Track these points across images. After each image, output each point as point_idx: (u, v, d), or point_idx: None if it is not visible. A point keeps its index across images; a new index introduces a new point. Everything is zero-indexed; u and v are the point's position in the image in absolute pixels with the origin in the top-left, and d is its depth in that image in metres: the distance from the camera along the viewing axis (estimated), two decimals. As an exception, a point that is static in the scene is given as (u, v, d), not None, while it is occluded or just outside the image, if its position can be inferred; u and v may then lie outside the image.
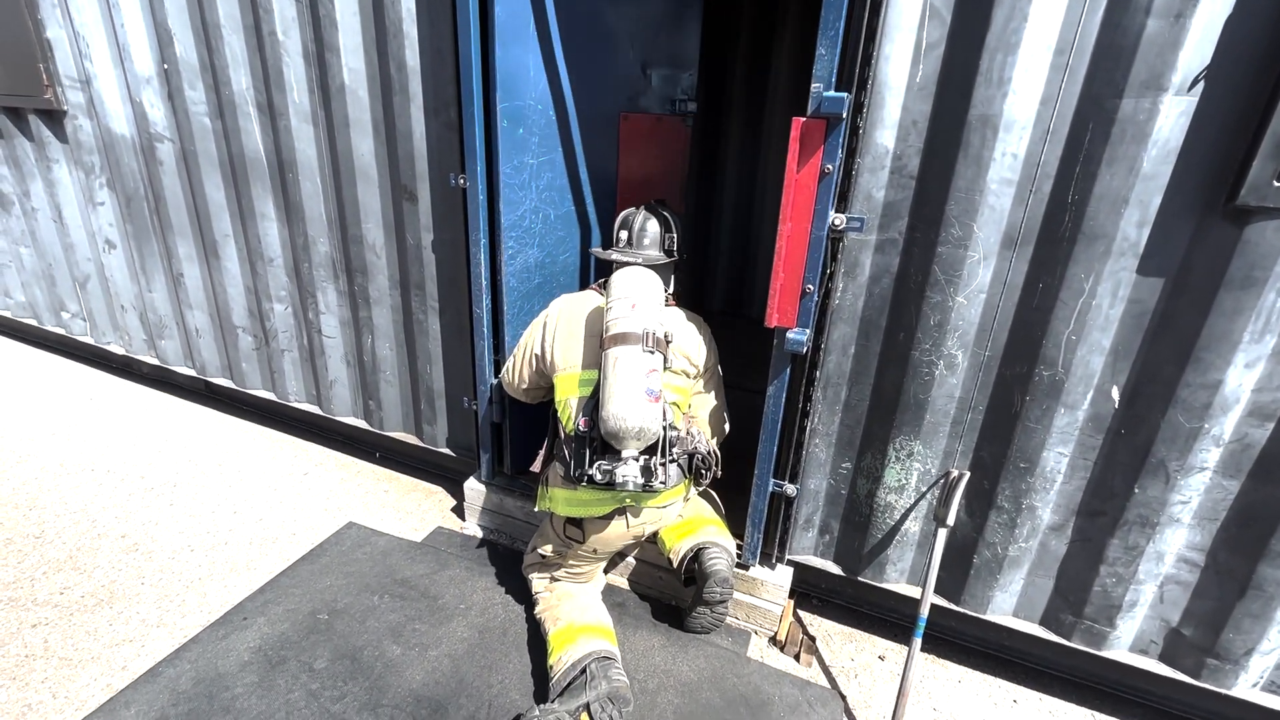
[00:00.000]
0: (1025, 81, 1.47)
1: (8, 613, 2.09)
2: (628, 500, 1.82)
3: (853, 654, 2.14)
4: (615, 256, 2.05)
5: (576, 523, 1.93)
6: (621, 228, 2.10)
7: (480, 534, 2.58)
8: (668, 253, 2.07)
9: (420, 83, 2.15)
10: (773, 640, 2.16)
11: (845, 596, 2.24)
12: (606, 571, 2.31)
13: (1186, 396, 1.55)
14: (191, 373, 3.34)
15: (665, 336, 1.81)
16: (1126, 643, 1.83)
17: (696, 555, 1.97)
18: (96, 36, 2.77)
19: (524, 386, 2.11)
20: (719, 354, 2.10)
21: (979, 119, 1.52)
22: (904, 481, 1.91)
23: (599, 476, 1.69)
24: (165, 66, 2.63)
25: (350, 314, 2.70)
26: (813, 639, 2.16)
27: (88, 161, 3.10)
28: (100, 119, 2.94)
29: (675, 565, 2.03)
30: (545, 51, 2.19)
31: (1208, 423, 1.55)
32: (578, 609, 1.96)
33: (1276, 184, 1.34)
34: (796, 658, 2.09)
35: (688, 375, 1.96)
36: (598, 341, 1.83)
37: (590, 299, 2.02)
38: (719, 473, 1.91)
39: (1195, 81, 1.36)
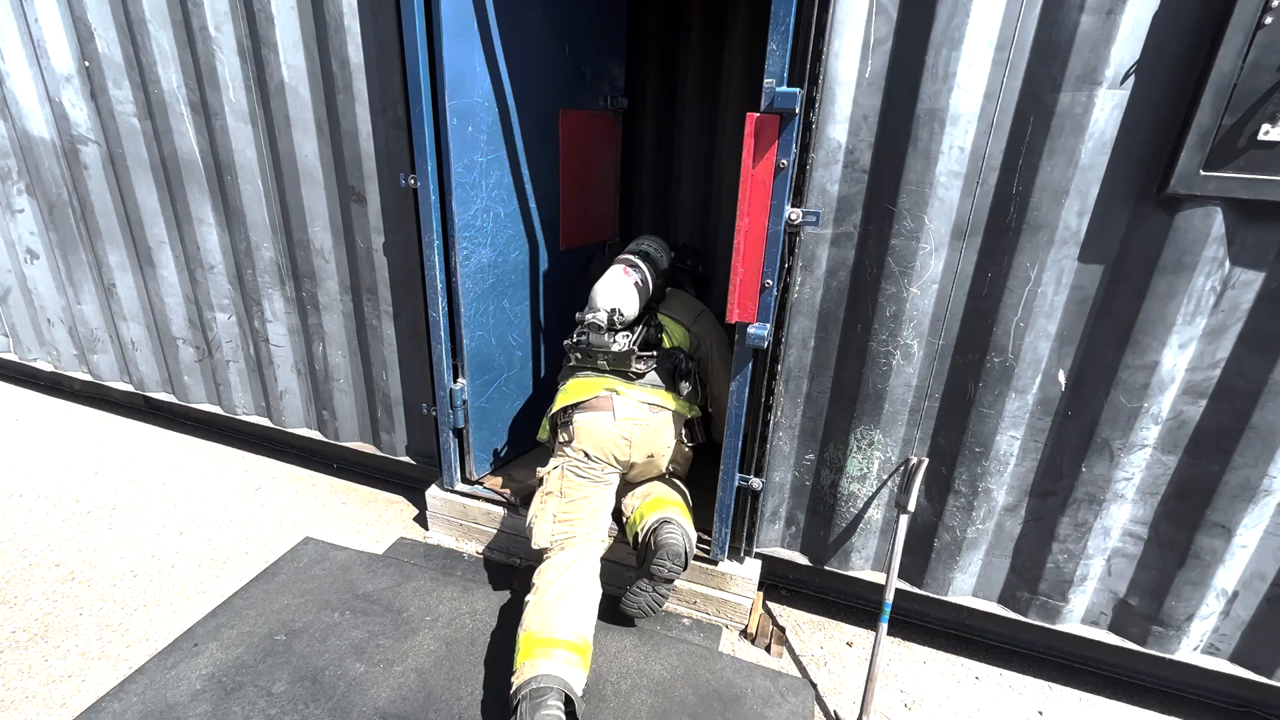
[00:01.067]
0: (969, 76, 1.51)
1: (-71, 654, 1.94)
2: (612, 385, 2.01)
3: (821, 642, 2.17)
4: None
5: (567, 420, 2.04)
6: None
7: (444, 543, 2.52)
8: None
9: (365, 80, 2.08)
10: (743, 633, 2.17)
11: (812, 586, 2.27)
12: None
13: (1127, 378, 1.62)
14: (129, 388, 3.17)
15: (644, 254, 2.23)
16: (1078, 615, 1.91)
17: (654, 530, 1.95)
18: (8, 32, 2.58)
19: None
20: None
21: (927, 113, 1.55)
22: (866, 470, 1.95)
23: (576, 337, 2.07)
24: (87, 64, 2.47)
25: (299, 321, 2.60)
26: (782, 630, 2.19)
27: (2, 166, 2.89)
28: (15, 120, 2.75)
29: (641, 542, 2.00)
30: (487, 48, 2.13)
31: (1147, 402, 1.62)
32: (552, 606, 1.78)
33: (1203, 173, 1.41)
34: (767, 649, 2.11)
35: (682, 324, 2.23)
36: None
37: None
38: (706, 436, 2.16)
39: (1126, 76, 1.42)
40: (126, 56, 2.41)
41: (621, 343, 2.00)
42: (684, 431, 2.08)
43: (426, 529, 2.58)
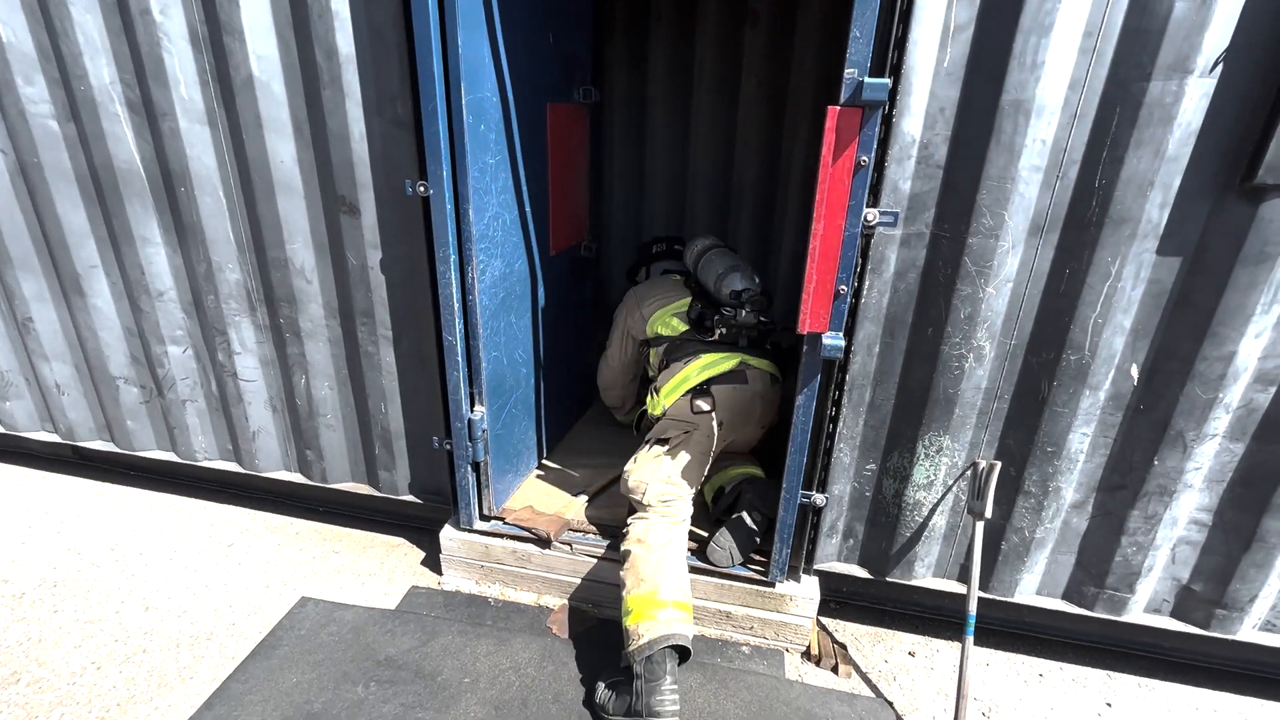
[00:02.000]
0: (1056, 65, 1.43)
1: None
2: (744, 358, 2.19)
3: (884, 655, 2.10)
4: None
5: (705, 394, 2.12)
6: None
7: (464, 588, 2.28)
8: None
9: (357, 73, 1.80)
10: (806, 655, 2.07)
11: (867, 597, 2.20)
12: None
13: (1204, 370, 1.61)
14: (53, 438, 2.70)
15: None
16: (1142, 605, 1.92)
17: (740, 486, 2.18)
18: None
19: (621, 364, 2.65)
20: None
21: (1012, 104, 1.47)
22: (932, 477, 1.88)
23: (721, 323, 2.21)
24: (-15, 55, 2.04)
25: (275, 352, 2.27)
26: (844, 647, 2.10)
27: None
28: (-113, 125, 2.24)
29: (726, 495, 2.20)
30: (492, 36, 1.90)
31: (1221, 392, 1.62)
32: (664, 570, 1.86)
33: (1291, 162, 1.39)
34: (834, 670, 2.01)
35: None
36: (685, 279, 2.58)
37: (666, 278, 2.66)
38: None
39: (1216, 64, 1.39)
40: (40, 46, 2.00)
41: (757, 300, 2.20)
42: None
43: (440, 574, 2.33)
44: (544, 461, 2.65)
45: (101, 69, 1.97)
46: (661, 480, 2.01)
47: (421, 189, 1.80)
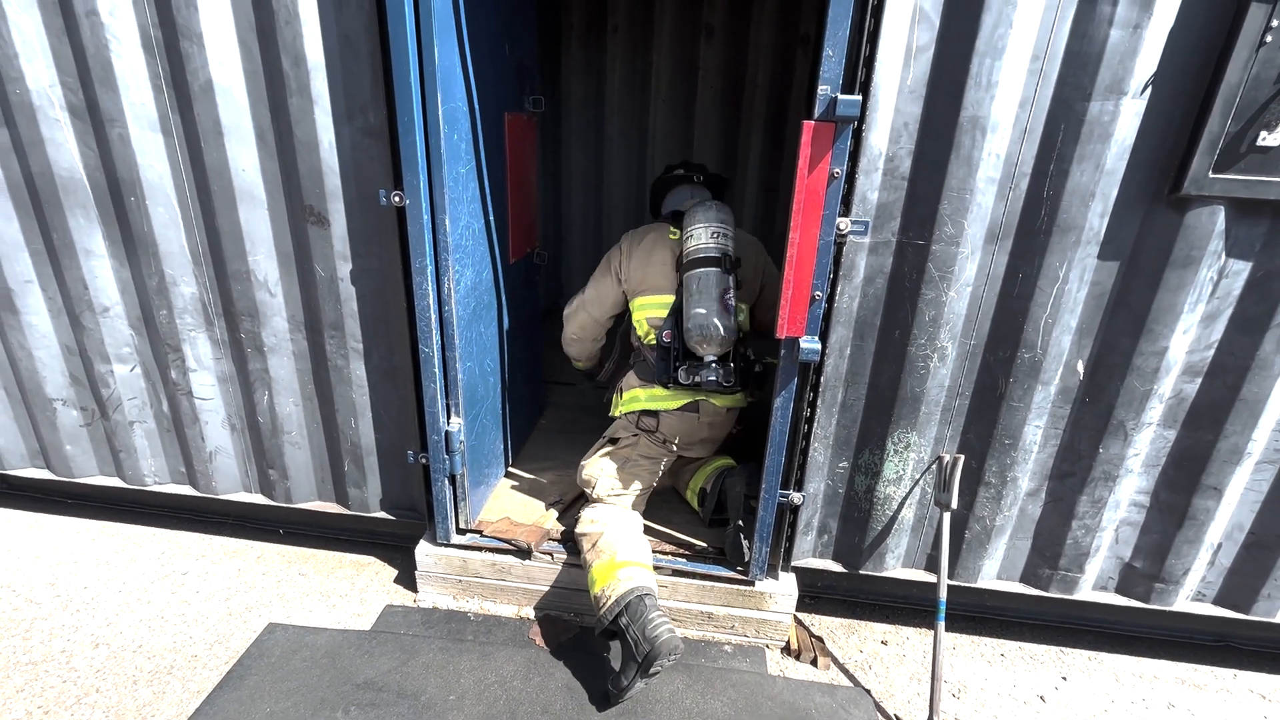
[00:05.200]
0: (1008, 85, 1.55)
1: None
2: (702, 396, 2.14)
3: (859, 645, 2.18)
4: (680, 174, 2.39)
5: (653, 414, 2.19)
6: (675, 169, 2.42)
7: (441, 604, 2.23)
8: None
9: (326, 80, 1.76)
10: (785, 650, 2.13)
11: (840, 590, 2.28)
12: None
13: (1140, 364, 1.76)
14: (-23, 467, 2.49)
15: (737, 259, 2.06)
16: (1090, 584, 2.07)
17: (719, 479, 2.23)
18: None
19: (599, 318, 2.33)
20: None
21: (970, 120, 1.57)
22: (901, 472, 1.97)
23: (683, 379, 2.04)
24: (-98, 55, 1.88)
25: (233, 368, 2.17)
26: (821, 640, 2.17)
27: None
28: None
29: (709, 493, 2.25)
30: (461, 45, 1.89)
31: (1155, 383, 1.77)
32: (619, 539, 2.00)
33: (1211, 175, 1.55)
34: (813, 663, 2.08)
35: (749, 291, 2.21)
36: (672, 268, 2.13)
37: (659, 231, 2.23)
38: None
39: (1146, 86, 1.53)
40: (-33, 46, 1.86)
41: (716, 377, 2.02)
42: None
43: (415, 591, 2.27)
44: (511, 470, 2.64)
45: (40, 72, 1.86)
46: (611, 475, 2.18)
47: (396, 199, 1.78)
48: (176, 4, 1.73)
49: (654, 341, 2.13)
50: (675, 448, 2.25)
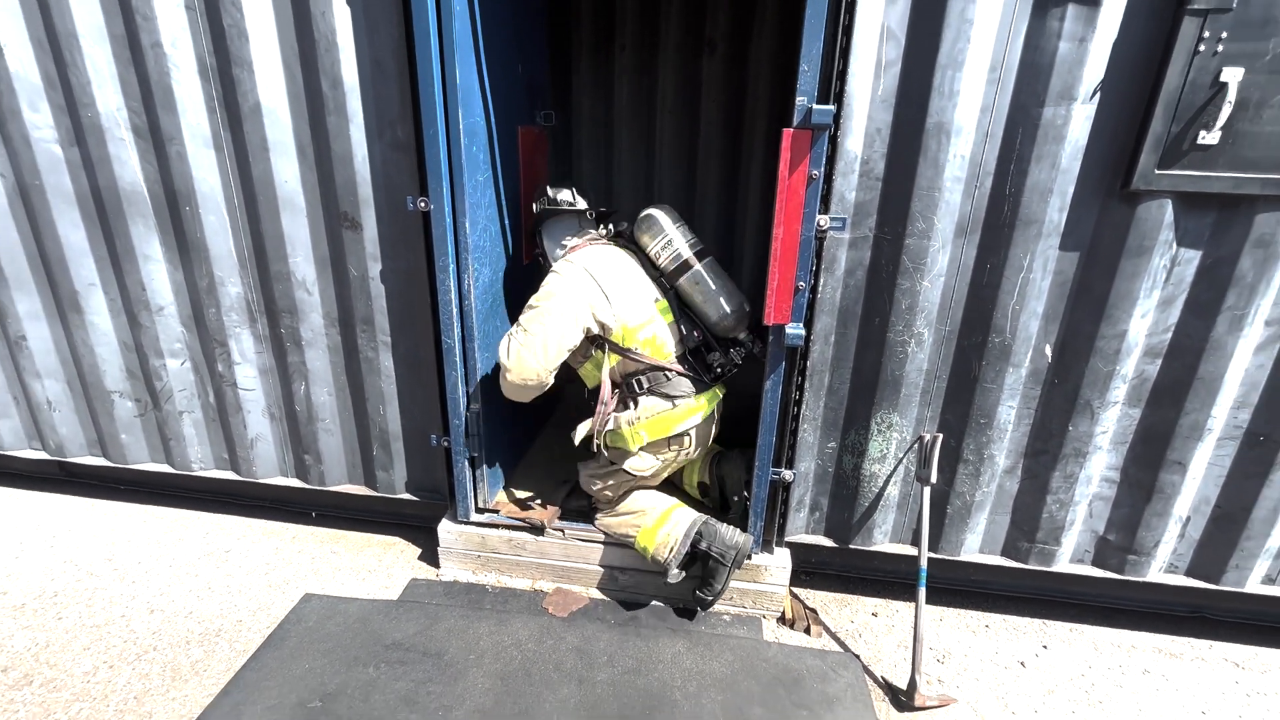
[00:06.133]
0: (969, 93, 1.72)
1: None
2: (716, 393, 2.22)
3: (850, 617, 2.32)
4: (576, 204, 2.29)
5: (683, 433, 2.15)
6: (563, 189, 2.36)
7: (462, 578, 2.42)
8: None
9: (360, 100, 1.97)
10: (781, 620, 2.27)
11: (834, 566, 2.43)
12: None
13: (1103, 346, 1.90)
14: (41, 455, 2.73)
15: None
16: (1067, 556, 2.20)
17: (716, 463, 2.41)
18: None
19: (550, 368, 2.02)
20: None
21: (935, 126, 1.75)
22: (885, 451, 2.13)
23: (723, 367, 2.15)
24: (-10, 84, 2.14)
25: (274, 361, 2.39)
26: (814, 611, 2.32)
27: None
28: (-120, 151, 2.30)
29: (710, 480, 2.40)
30: (478, 66, 2.11)
31: (1118, 365, 1.92)
32: (650, 502, 2.24)
33: (1157, 172, 1.70)
34: (807, 631, 2.23)
35: None
36: (648, 275, 2.17)
37: (608, 251, 2.17)
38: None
39: (1095, 92, 1.69)
40: (47, 75, 2.11)
41: (755, 343, 2.18)
42: None
43: (438, 566, 2.46)
44: (525, 454, 2.82)
45: (109, 97, 2.10)
46: (620, 492, 2.29)
47: (422, 204, 1.98)
48: (230, 35, 1.96)
49: (672, 353, 2.11)
50: (690, 454, 2.23)
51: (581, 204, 2.28)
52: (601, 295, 2.02)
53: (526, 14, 2.51)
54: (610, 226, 2.30)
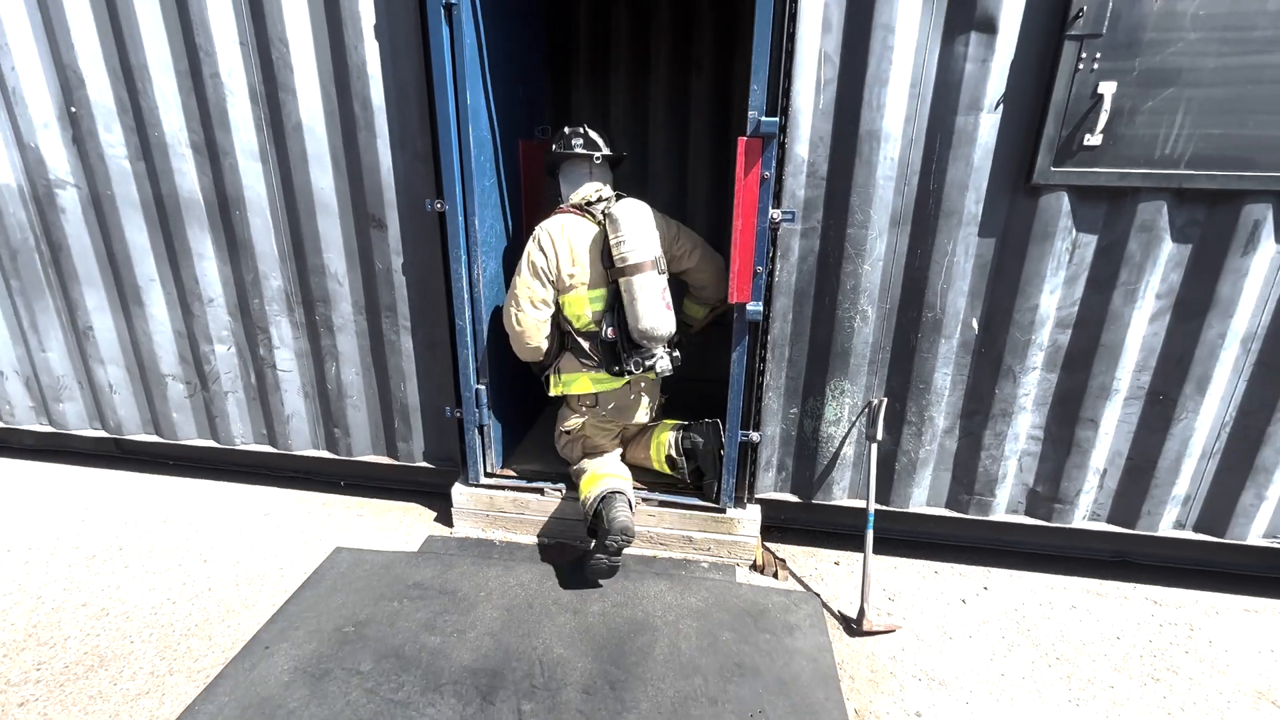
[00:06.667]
0: (894, 106, 2.06)
1: (-19, 699, 1.92)
2: (658, 375, 2.40)
3: (814, 565, 2.63)
4: (582, 151, 2.44)
5: (593, 395, 2.51)
6: (574, 136, 2.47)
7: (473, 535, 2.74)
8: (616, 152, 2.54)
9: (385, 118, 2.34)
10: (753, 567, 2.58)
11: (801, 522, 2.74)
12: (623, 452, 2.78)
13: (1020, 318, 2.22)
14: (100, 434, 3.09)
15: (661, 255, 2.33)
16: (1003, 507, 2.50)
17: (682, 438, 2.60)
18: (-30, 80, 2.56)
19: (535, 320, 2.38)
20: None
21: (867, 133, 2.08)
22: (839, 415, 2.44)
23: (635, 369, 2.34)
24: (73, 110, 2.52)
25: (309, 345, 2.74)
26: (782, 560, 2.63)
27: (-48, 215, 2.79)
28: (-26, 168, 2.69)
29: (676, 454, 2.60)
30: (485, 88, 2.47)
31: (1034, 334, 2.23)
32: (599, 465, 2.54)
33: (1053, 169, 2.03)
34: (775, 576, 2.54)
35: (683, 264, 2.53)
36: (600, 266, 2.34)
37: (582, 226, 2.37)
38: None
39: (999, 103, 2.03)
40: (120, 101, 2.49)
41: (675, 361, 2.37)
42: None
43: (451, 526, 2.79)
44: (527, 427, 3.15)
45: (172, 119, 2.47)
46: (578, 452, 2.65)
47: (439, 206, 2.34)
48: (278, 66, 2.33)
49: (589, 330, 2.39)
50: (622, 416, 2.57)
51: (585, 150, 2.43)
52: (549, 255, 2.34)
53: (526, 42, 2.88)
54: (601, 195, 2.45)
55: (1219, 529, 2.37)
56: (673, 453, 2.60)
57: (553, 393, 2.56)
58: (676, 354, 2.39)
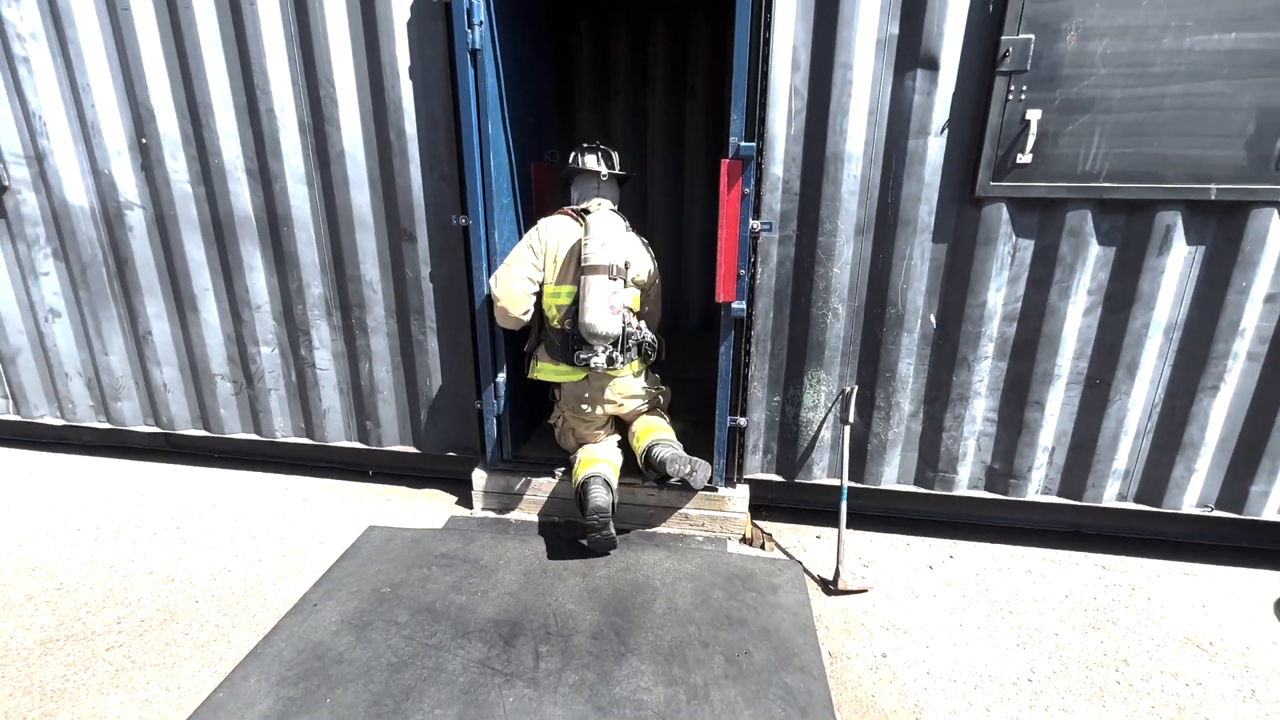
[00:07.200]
0: (855, 131, 2.40)
1: (73, 646, 2.23)
2: (593, 369, 2.59)
3: (799, 539, 2.93)
4: (593, 167, 2.74)
5: (556, 385, 2.81)
6: (588, 152, 2.78)
7: (491, 515, 3.05)
8: (622, 171, 2.83)
9: (418, 147, 2.69)
10: (742, 540, 2.88)
11: (786, 501, 3.04)
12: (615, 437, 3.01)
13: (971, 313, 2.54)
14: (153, 429, 3.42)
15: (625, 265, 2.54)
16: (965, 483, 2.79)
17: (649, 451, 2.73)
18: (55, 115, 2.94)
19: (518, 293, 2.60)
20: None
21: (833, 155, 2.43)
22: (816, 402, 2.76)
23: (577, 362, 2.57)
24: (144, 140, 2.89)
25: (344, 346, 3.08)
26: (769, 535, 2.92)
27: (31, 234, 3.16)
28: (54, 192, 3.05)
29: (643, 460, 2.78)
30: (502, 118, 2.83)
31: (984, 327, 2.55)
32: (586, 453, 2.82)
33: (992, 183, 2.37)
34: (762, 547, 2.83)
35: (640, 286, 2.71)
36: (574, 265, 2.56)
37: (571, 229, 2.64)
38: (663, 355, 2.78)
39: (944, 128, 2.37)
40: (184, 133, 2.86)
41: (604, 363, 2.54)
42: (643, 375, 2.83)
43: (471, 507, 3.09)
44: (540, 419, 3.46)
45: (231, 148, 2.84)
46: (571, 440, 2.96)
47: (463, 221, 2.68)
48: (325, 102, 2.70)
49: (558, 323, 2.63)
50: (585, 407, 2.77)
51: (594, 168, 2.74)
52: (543, 240, 2.63)
53: (537, 77, 3.25)
54: (600, 201, 2.74)
55: (1156, 499, 2.66)
56: (645, 457, 2.76)
57: (529, 376, 2.80)
58: (619, 356, 2.57)
